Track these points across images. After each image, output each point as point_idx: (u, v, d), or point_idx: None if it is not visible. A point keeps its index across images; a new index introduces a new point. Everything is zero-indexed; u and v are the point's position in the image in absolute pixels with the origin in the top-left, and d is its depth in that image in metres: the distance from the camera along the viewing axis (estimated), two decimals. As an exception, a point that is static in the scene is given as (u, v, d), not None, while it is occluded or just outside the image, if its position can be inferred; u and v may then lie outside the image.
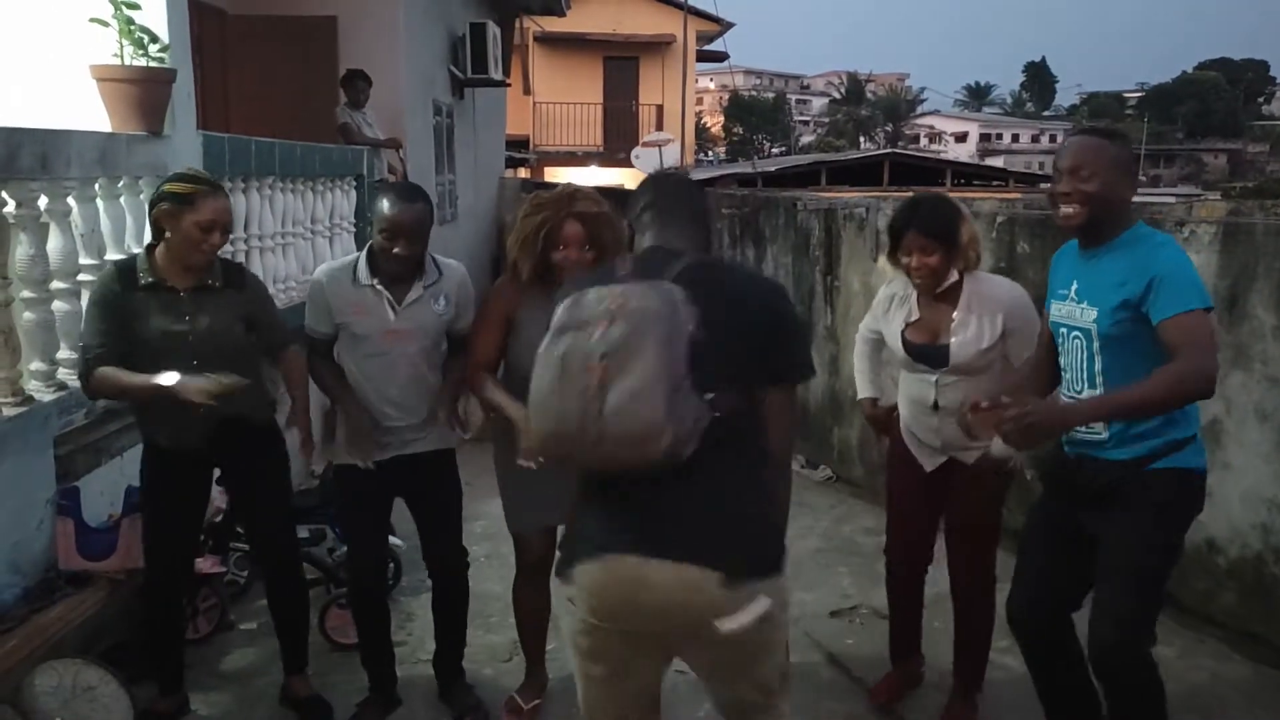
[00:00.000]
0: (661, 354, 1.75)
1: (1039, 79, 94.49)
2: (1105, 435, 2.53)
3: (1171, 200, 8.17)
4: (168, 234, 2.91)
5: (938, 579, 3.31)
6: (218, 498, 3.50)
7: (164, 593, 3.20)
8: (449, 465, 3.23)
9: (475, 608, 4.05)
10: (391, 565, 4.25)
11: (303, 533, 4.23)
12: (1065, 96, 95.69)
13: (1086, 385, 2.55)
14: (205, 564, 3.59)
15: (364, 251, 3.09)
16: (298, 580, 3.37)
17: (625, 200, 2.42)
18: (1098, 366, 2.51)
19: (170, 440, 3.03)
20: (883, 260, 5.59)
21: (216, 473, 3.28)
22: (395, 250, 2.96)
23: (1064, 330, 2.61)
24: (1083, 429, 2.56)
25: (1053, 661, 2.80)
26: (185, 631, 3.45)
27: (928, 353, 3.06)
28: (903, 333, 3.12)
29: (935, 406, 3.07)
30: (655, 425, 1.74)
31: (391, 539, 4.33)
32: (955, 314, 3.02)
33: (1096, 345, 2.50)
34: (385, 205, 2.96)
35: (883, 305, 3.25)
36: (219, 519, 3.73)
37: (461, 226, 11.30)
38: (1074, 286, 2.58)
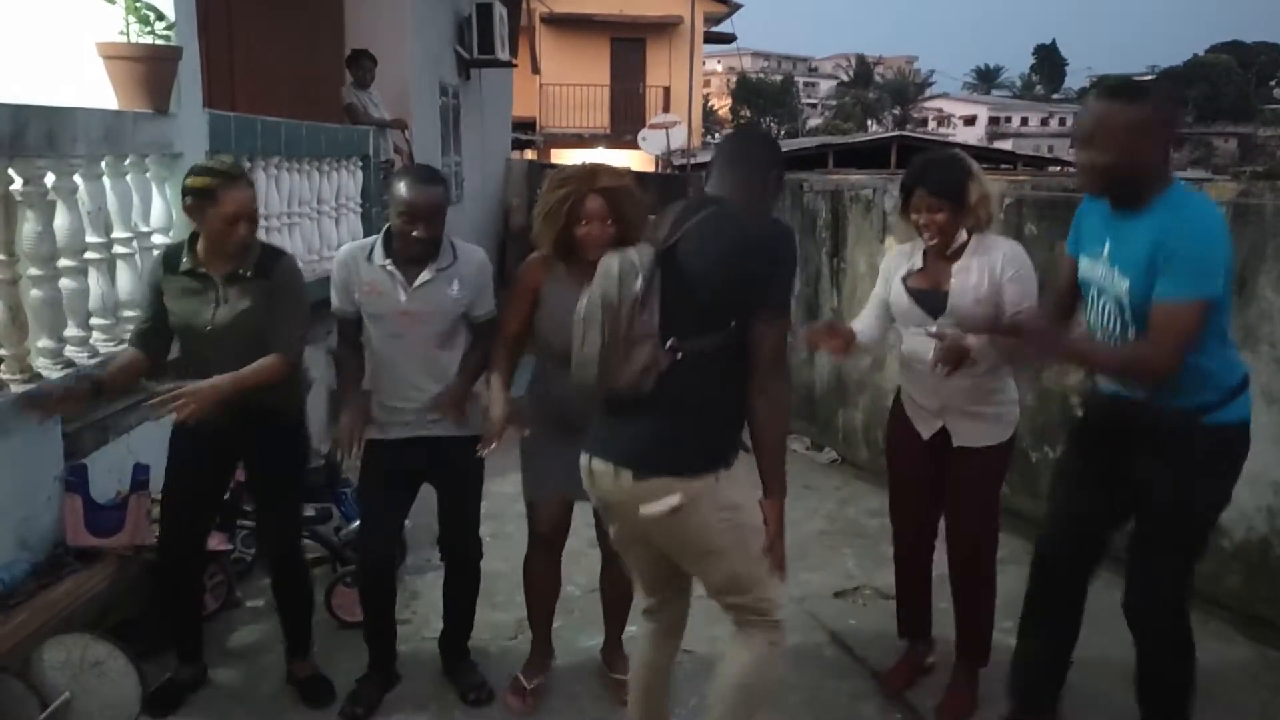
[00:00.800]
0: (606, 318, 2.29)
1: (1049, 61, 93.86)
2: (1136, 396, 2.54)
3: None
4: (199, 225, 2.96)
5: (941, 560, 3.32)
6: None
7: (178, 569, 3.23)
8: (471, 451, 3.20)
9: (481, 585, 4.08)
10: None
11: (309, 511, 4.26)
12: (1075, 79, 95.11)
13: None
14: (213, 541, 3.59)
15: (382, 232, 3.12)
16: (297, 571, 3.39)
17: (644, 179, 2.57)
18: (1131, 334, 2.49)
19: (197, 424, 3.02)
20: (889, 241, 5.59)
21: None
22: (414, 233, 2.98)
23: (1095, 291, 2.58)
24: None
25: (1059, 617, 2.82)
26: (202, 604, 3.48)
27: (927, 297, 3.06)
28: (905, 279, 3.13)
29: (935, 366, 3.05)
30: (604, 376, 2.32)
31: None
32: (954, 267, 3.03)
33: (1129, 315, 2.47)
34: (402, 188, 2.97)
35: (891, 265, 3.24)
36: (226, 497, 3.74)
37: (468, 208, 11.29)
38: (1106, 246, 2.53)
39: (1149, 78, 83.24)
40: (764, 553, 2.43)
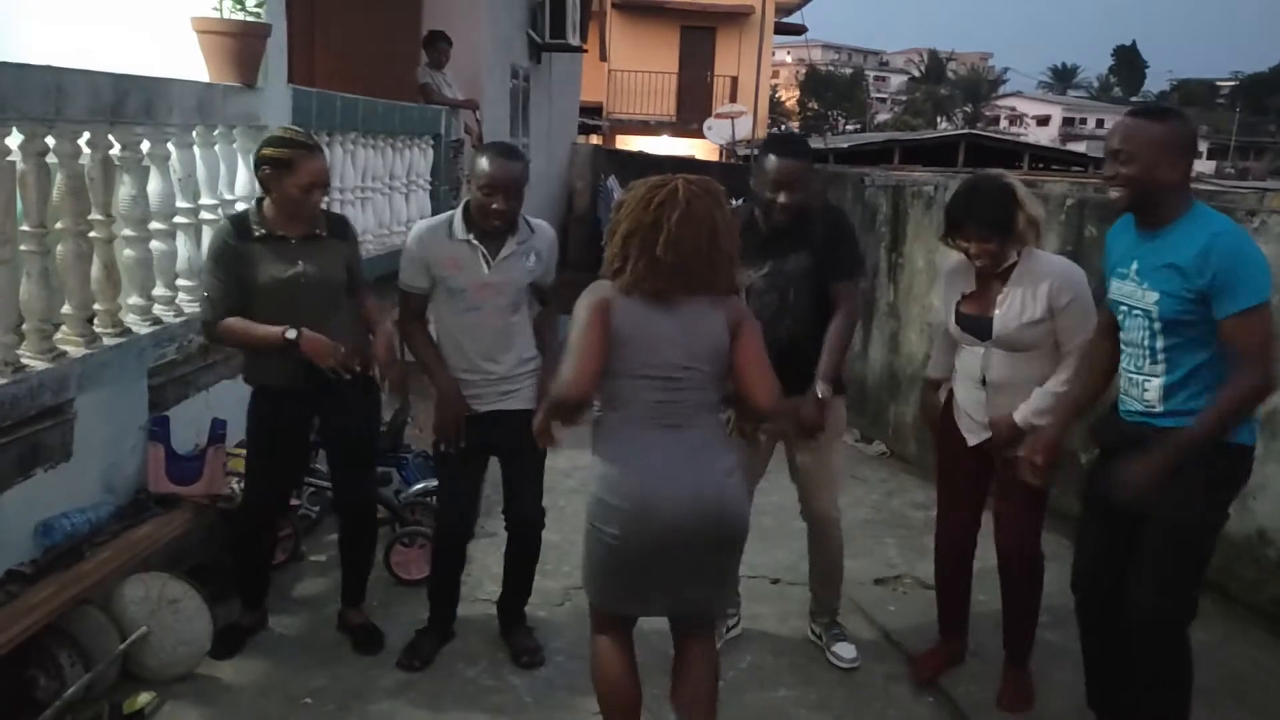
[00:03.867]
0: None
1: (1128, 63, 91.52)
2: (1161, 407, 2.58)
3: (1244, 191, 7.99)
4: (272, 193, 3.11)
5: (982, 553, 3.38)
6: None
7: (259, 521, 3.42)
8: None
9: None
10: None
11: (372, 473, 4.43)
12: (1155, 82, 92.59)
13: (1148, 362, 2.60)
14: (281, 496, 3.79)
15: (459, 208, 3.21)
16: (371, 527, 3.57)
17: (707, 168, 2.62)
18: (1159, 345, 2.56)
19: (280, 382, 3.22)
20: (949, 239, 5.61)
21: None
22: (494, 206, 3.07)
23: (1124, 309, 2.65)
24: (1137, 401, 2.63)
25: (1109, 634, 2.85)
26: (274, 555, 3.67)
27: (975, 324, 3.12)
28: (958, 305, 3.19)
29: (983, 381, 3.13)
30: None
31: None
32: (1003, 288, 3.07)
33: (1158, 326, 2.54)
34: (485, 163, 3.07)
35: (948, 289, 3.28)
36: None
37: (533, 190, 11.43)
38: (1134, 266, 2.61)
39: (1233, 83, 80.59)
40: None
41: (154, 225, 3.66)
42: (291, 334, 3.06)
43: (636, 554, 2.45)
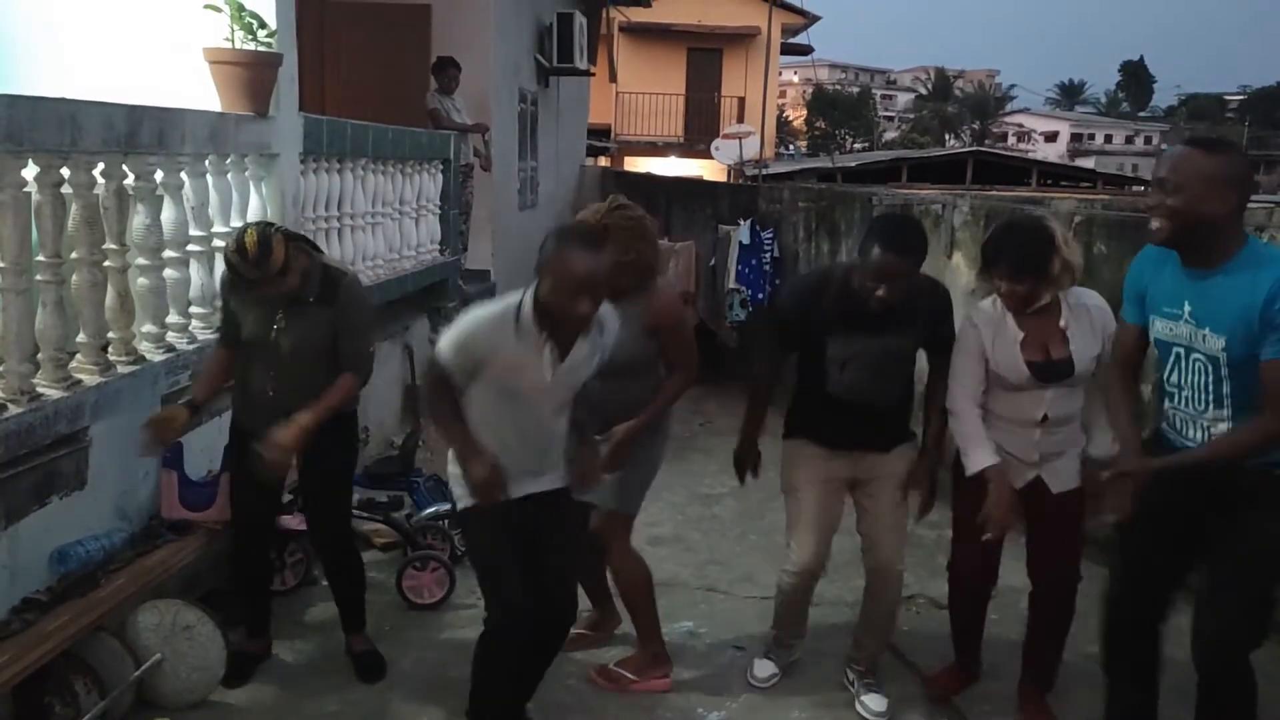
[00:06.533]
0: None
1: (1136, 79, 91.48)
2: None
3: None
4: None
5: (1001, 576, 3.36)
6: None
7: (247, 546, 3.46)
8: (579, 505, 3.07)
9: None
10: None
11: (382, 498, 4.47)
12: (1163, 97, 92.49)
13: (1211, 406, 2.53)
14: (293, 521, 3.81)
15: (526, 298, 2.69)
16: (350, 556, 3.55)
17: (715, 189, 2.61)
18: (1225, 390, 2.50)
19: (247, 424, 3.29)
20: (957, 257, 5.62)
21: None
22: (581, 310, 2.60)
23: (1180, 351, 2.57)
24: (1206, 434, 2.57)
25: (1137, 656, 2.84)
26: (271, 581, 3.69)
27: (1051, 369, 3.03)
28: (1020, 355, 3.06)
29: (1044, 419, 3.08)
30: None
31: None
32: (1062, 325, 3.04)
33: (1225, 371, 2.47)
34: (568, 253, 2.58)
35: (984, 335, 3.11)
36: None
37: (542, 213, 11.51)
38: (1187, 308, 2.51)
39: (1241, 97, 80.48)
40: None
41: (168, 254, 3.70)
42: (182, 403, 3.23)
43: None
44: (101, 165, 3.28)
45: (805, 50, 28.29)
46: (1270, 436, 2.43)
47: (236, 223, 4.22)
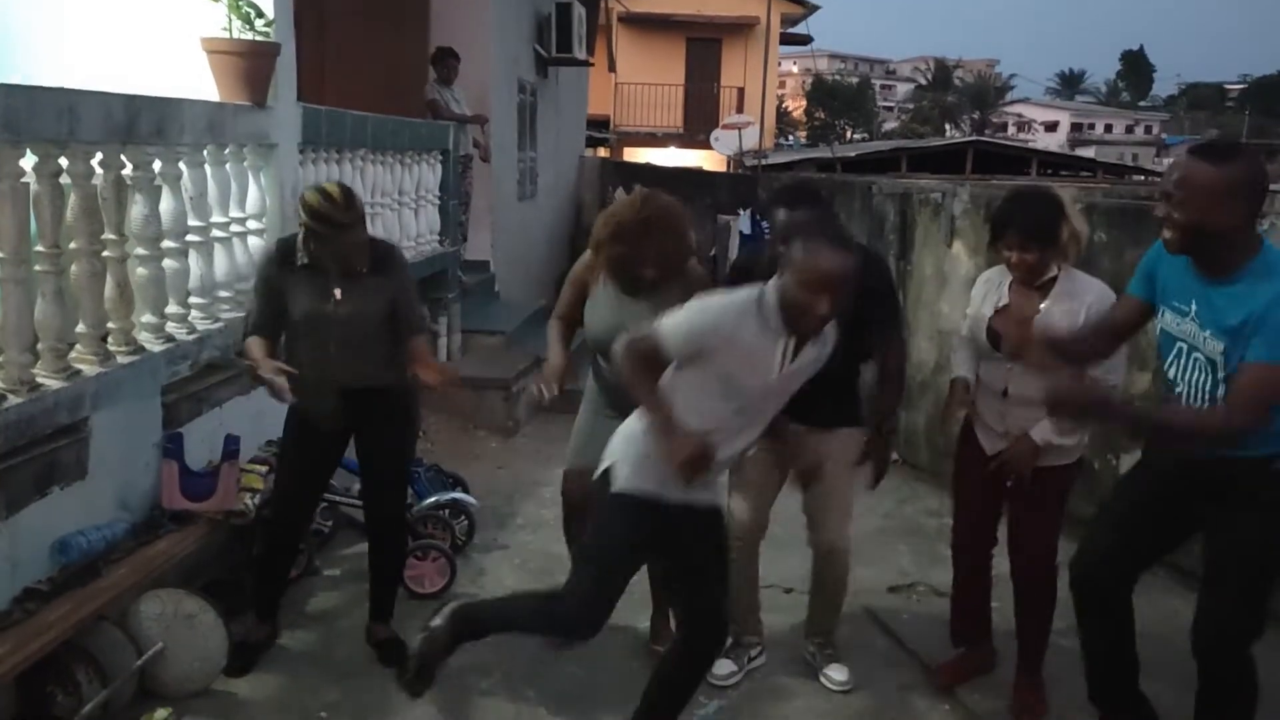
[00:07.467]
0: None
1: (1136, 68, 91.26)
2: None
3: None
4: (313, 246, 3.17)
5: (998, 562, 3.38)
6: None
7: (283, 535, 3.48)
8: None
9: (542, 565, 4.24)
10: (466, 522, 4.45)
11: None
12: (1163, 86, 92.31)
13: (1209, 406, 2.54)
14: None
15: (768, 291, 2.61)
16: (402, 543, 3.61)
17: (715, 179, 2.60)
18: (1221, 392, 2.50)
19: (307, 411, 3.30)
20: (957, 245, 5.61)
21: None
22: (820, 311, 2.52)
23: (1183, 346, 2.57)
24: None
25: (1106, 624, 2.85)
26: (293, 567, 3.69)
27: (1005, 339, 3.06)
28: (989, 319, 3.14)
29: (1004, 394, 3.12)
30: None
31: (466, 498, 4.54)
32: (1041, 305, 3.05)
33: (1222, 375, 2.48)
34: (814, 253, 2.51)
35: (979, 292, 3.26)
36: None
37: (541, 204, 11.50)
38: (1194, 308, 2.52)
39: (1242, 86, 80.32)
40: None
41: (166, 244, 3.69)
42: (265, 374, 3.10)
43: None
44: (100, 155, 3.27)
45: (804, 40, 28.26)
46: (1229, 431, 2.42)
47: (235, 213, 4.22)
